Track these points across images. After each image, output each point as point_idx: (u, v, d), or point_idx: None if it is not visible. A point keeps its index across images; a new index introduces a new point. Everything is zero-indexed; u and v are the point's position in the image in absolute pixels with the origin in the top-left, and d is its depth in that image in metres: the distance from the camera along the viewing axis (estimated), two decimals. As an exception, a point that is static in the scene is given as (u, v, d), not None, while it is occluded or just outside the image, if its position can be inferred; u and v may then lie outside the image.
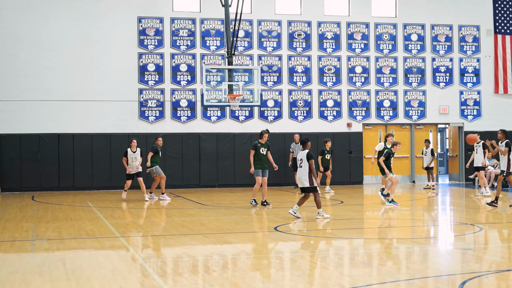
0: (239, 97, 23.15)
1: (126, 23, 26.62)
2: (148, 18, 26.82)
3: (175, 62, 27.04)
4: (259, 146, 18.91)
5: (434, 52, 29.35)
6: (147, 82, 26.72)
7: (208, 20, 27.32)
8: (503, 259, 10.64)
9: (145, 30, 26.81)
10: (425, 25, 29.27)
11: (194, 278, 9.29)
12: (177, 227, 15.18)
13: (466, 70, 29.64)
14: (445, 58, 29.45)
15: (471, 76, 29.68)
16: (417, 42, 29.21)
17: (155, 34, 26.88)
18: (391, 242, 12.91)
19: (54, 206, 20.06)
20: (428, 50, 29.30)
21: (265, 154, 18.96)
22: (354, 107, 28.49)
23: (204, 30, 27.32)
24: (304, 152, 15.61)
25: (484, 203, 20.09)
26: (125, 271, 9.77)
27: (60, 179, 25.79)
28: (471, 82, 29.65)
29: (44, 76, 25.79)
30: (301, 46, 28.09)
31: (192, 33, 27.21)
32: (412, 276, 9.28)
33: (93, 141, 26.07)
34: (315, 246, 12.34)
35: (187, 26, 27.17)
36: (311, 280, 9.14)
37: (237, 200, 21.34)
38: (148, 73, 26.76)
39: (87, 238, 13.20)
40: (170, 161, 26.19)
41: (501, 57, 29.74)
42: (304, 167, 15.57)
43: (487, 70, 29.77)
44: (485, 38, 29.76)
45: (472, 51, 29.69)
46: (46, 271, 9.83)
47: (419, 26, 29.22)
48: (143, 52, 26.75)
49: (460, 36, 29.60)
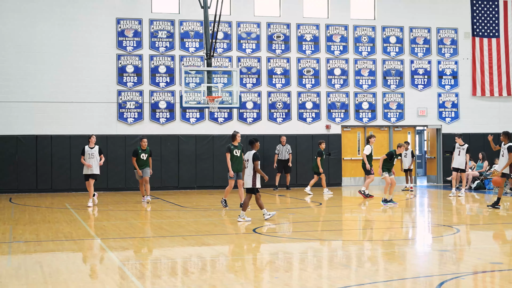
0: (218, 99, 23.14)
1: (104, 25, 26.51)
2: (127, 20, 26.73)
3: (154, 64, 26.97)
4: (233, 148, 18.81)
5: (413, 54, 29.50)
6: (125, 84, 26.63)
7: (187, 22, 27.28)
8: (479, 260, 10.70)
9: (124, 31, 26.72)
10: (404, 28, 29.41)
11: (173, 280, 9.26)
12: (155, 229, 15.14)
13: (444, 73, 29.81)
14: (423, 60, 29.60)
15: (449, 78, 29.86)
16: (395, 44, 29.34)
17: (134, 35, 26.79)
18: (369, 243, 12.95)
19: (32, 208, 19.93)
20: (406, 53, 29.44)
21: (239, 156, 18.72)
22: (333, 109, 28.55)
23: (183, 32, 27.27)
24: (251, 153, 15.51)
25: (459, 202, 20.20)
26: (102, 274, 9.73)
27: (38, 181, 25.63)
28: (449, 85, 29.83)
29: (22, 78, 25.62)
30: (280, 48, 28.12)
31: (171, 34, 27.16)
32: (390, 278, 9.31)
33: (71, 142, 25.93)
34: (294, 248, 12.35)
35: (166, 28, 27.11)
36: (289, 282, 9.14)
37: (216, 202, 21.29)
38: (127, 75, 26.68)
39: (65, 240, 13.12)
40: (149, 163, 26.10)
41: (478, 60, 29.93)
42: (249, 168, 15.50)
43: (465, 73, 29.95)
44: (463, 40, 29.95)
45: (450, 54, 29.87)
46: (23, 274, 9.76)
47: (397, 29, 29.35)
48: (121, 53, 26.66)
49: (438, 38, 29.76)
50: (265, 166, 26.54)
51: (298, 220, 16.67)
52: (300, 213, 18.27)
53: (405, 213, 18.83)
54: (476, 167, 27.11)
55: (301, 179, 27.52)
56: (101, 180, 25.92)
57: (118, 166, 26.06)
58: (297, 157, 27.60)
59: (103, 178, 26.02)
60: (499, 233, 14.15)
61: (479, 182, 26.10)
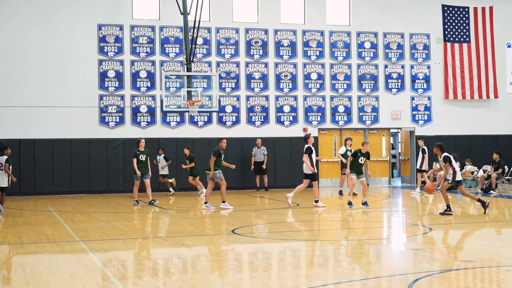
0: (198, 103, 23.13)
1: (86, 31, 26.38)
2: (108, 26, 26.61)
3: (135, 69, 26.86)
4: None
5: (387, 59, 29.61)
6: (107, 89, 26.50)
7: (167, 28, 27.20)
8: (451, 258, 10.73)
9: (105, 37, 26.59)
10: (378, 33, 29.52)
11: (153, 281, 9.20)
12: (136, 231, 15.06)
13: (417, 77, 29.95)
14: (397, 65, 29.72)
15: (422, 82, 30.00)
16: (370, 49, 29.44)
17: (115, 41, 26.68)
18: (346, 243, 12.95)
19: (15, 211, 19.76)
20: (380, 57, 29.55)
21: (145, 160, 21.03)
22: (310, 112, 28.59)
23: (163, 38, 27.19)
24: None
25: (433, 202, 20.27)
26: (84, 275, 9.64)
27: (21, 184, 25.38)
28: (422, 88, 29.97)
29: (5, 83, 25.43)
30: (258, 53, 28.12)
31: (151, 40, 27.07)
32: (366, 276, 9.31)
33: (53, 146, 25.77)
34: (272, 248, 12.32)
35: (147, 34, 27.01)
36: (267, 282, 9.11)
37: (196, 204, 21.25)
38: (108, 80, 26.55)
39: (47, 243, 13.01)
40: (130, 166, 25.94)
41: (450, 64, 30.10)
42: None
43: (437, 77, 30.12)
44: (435, 46, 30.12)
45: (422, 59, 30.02)
46: (5, 276, 9.66)
47: (372, 34, 29.45)
48: (103, 59, 26.52)
49: (411, 44, 29.91)
50: (244, 168, 26.65)
51: (275, 220, 16.65)
52: (277, 214, 18.25)
53: (380, 214, 18.85)
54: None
55: (279, 180, 27.55)
56: (83, 183, 25.88)
57: (100, 169, 25.92)
58: (275, 159, 27.61)
59: (85, 181, 25.93)
60: (470, 232, 14.21)
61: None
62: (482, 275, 9.60)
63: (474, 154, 29.26)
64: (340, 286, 8.78)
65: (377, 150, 29.41)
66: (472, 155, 28.93)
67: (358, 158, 19.11)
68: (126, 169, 25.61)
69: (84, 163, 26.01)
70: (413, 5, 29.82)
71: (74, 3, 26.25)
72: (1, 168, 18.94)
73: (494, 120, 30.68)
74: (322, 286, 8.74)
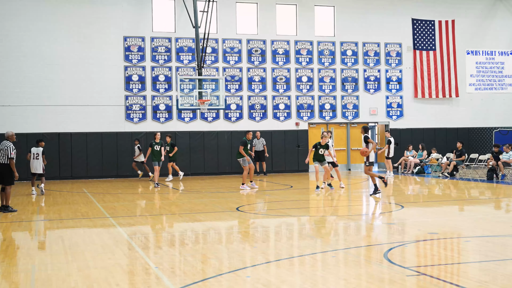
0: (208, 102, 23.10)
1: (114, 42, 26.33)
2: (132, 37, 26.55)
3: (155, 73, 26.81)
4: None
5: (365, 64, 29.55)
6: (131, 90, 26.46)
7: (181, 39, 27.14)
8: (419, 231, 10.76)
9: (130, 47, 26.53)
10: (358, 43, 29.45)
11: (171, 250, 9.23)
12: (156, 209, 15.10)
13: (391, 79, 29.90)
14: (374, 69, 29.67)
15: (395, 84, 29.95)
16: (351, 56, 29.37)
17: (138, 50, 26.62)
18: (331, 219, 12.97)
19: (55, 192, 19.79)
20: (360, 63, 29.48)
21: (159, 150, 21.35)
22: (301, 109, 28.56)
23: (178, 47, 27.13)
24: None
25: (404, 184, 20.28)
26: (113, 245, 9.67)
27: (60, 170, 25.43)
28: (395, 89, 29.92)
29: (46, 86, 25.41)
30: (257, 60, 28.06)
31: (168, 49, 27.01)
32: (348, 246, 9.34)
33: (87, 138, 25.77)
34: (269, 223, 12.36)
35: (164, 44, 26.95)
36: (266, 250, 9.14)
37: (206, 186, 21.28)
38: (133, 83, 26.51)
39: (82, 219, 13.04)
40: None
41: (419, 69, 30.05)
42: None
43: (407, 79, 30.07)
44: (406, 53, 30.05)
45: (395, 64, 29.96)
46: (48, 246, 9.70)
47: (353, 44, 29.38)
48: (128, 65, 26.48)
49: (386, 51, 29.84)
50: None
51: (272, 200, 16.67)
52: (274, 194, 18.28)
53: (361, 194, 18.86)
54: (417, 155, 27.24)
55: (276, 166, 27.61)
56: (112, 169, 25.91)
57: (126, 158, 25.91)
58: (272, 148, 27.61)
59: (113, 167, 25.96)
60: (435, 210, 14.24)
61: (420, 167, 26.22)
62: (445, 244, 9.63)
63: (438, 144, 29.26)
64: (327, 254, 8.81)
65: (357, 140, 29.38)
66: (437, 145, 28.93)
67: (318, 150, 18.90)
68: (148, 157, 25.58)
69: (112, 152, 26.02)
70: (387, 19, 29.74)
71: (103, 19, 26.18)
72: (37, 158, 19.06)
73: (456, 115, 30.66)
74: (311, 254, 8.77)
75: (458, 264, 8.15)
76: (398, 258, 8.39)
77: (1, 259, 8.79)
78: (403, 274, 7.41)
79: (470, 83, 30.99)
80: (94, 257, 8.74)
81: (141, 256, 8.75)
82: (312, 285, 6.99)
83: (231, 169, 27.13)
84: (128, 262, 8.42)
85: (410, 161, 26.80)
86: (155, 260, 8.51)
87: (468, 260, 8.43)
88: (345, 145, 29.31)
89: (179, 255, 8.89)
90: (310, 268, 7.94)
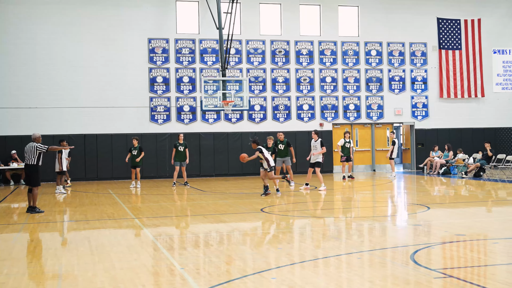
0: (231, 103, 23.15)
1: (138, 44, 26.53)
2: (157, 39, 26.71)
3: (179, 75, 26.95)
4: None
5: (390, 64, 29.38)
6: (156, 92, 26.63)
7: (205, 40, 27.24)
8: (446, 233, 10.66)
9: (154, 49, 26.70)
10: (382, 43, 29.29)
11: (195, 251, 9.26)
12: (181, 210, 15.15)
13: (416, 79, 29.69)
14: (398, 69, 29.48)
15: (420, 84, 29.73)
16: (376, 56, 29.22)
17: (162, 52, 26.78)
18: (356, 219, 12.91)
19: (81, 193, 19.98)
20: (385, 63, 29.32)
21: (183, 150, 21.65)
22: (325, 110, 28.48)
23: (202, 49, 27.23)
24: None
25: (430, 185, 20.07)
26: (138, 246, 9.72)
27: (86, 171, 25.68)
28: (420, 89, 29.71)
29: (71, 88, 25.70)
30: (281, 61, 28.05)
31: (192, 51, 27.13)
32: (373, 248, 9.28)
33: (112, 140, 25.99)
34: (294, 224, 12.33)
35: (188, 45, 27.07)
36: (290, 252, 9.12)
37: (230, 187, 21.31)
38: (157, 84, 26.67)
39: (108, 219, 13.14)
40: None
41: (444, 68, 29.80)
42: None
43: (433, 79, 29.84)
44: (431, 53, 29.82)
45: (420, 64, 29.74)
46: (74, 247, 9.78)
47: (377, 44, 29.23)
48: (152, 67, 26.65)
49: (411, 51, 29.64)
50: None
51: (297, 201, 16.64)
52: (298, 195, 18.25)
53: (386, 194, 18.76)
54: (443, 156, 27.01)
55: (300, 167, 27.49)
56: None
57: (151, 159, 26.07)
58: (296, 149, 27.53)
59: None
60: (462, 210, 14.10)
61: (445, 168, 26.00)
62: (472, 246, 9.52)
63: (465, 144, 28.97)
64: (352, 256, 8.77)
65: (382, 141, 29.27)
66: (463, 145, 28.64)
67: (270, 151, 18.68)
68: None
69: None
70: (412, 19, 29.55)
71: (127, 21, 26.39)
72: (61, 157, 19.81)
73: (482, 115, 30.33)
74: (336, 256, 8.74)
75: (485, 266, 8.06)
76: (425, 260, 8.31)
77: (29, 260, 8.90)
78: (430, 276, 7.34)
79: (497, 82, 30.63)
80: (120, 258, 8.79)
81: (166, 257, 8.78)
82: (337, 287, 6.96)
83: (254, 170, 27.13)
84: (153, 263, 8.46)
85: (435, 161, 26.57)
86: (180, 261, 8.54)
87: (496, 262, 8.32)
88: (369, 146, 29.17)
89: (204, 256, 8.90)
90: (335, 270, 7.91)
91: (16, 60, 25.32)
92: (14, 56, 25.31)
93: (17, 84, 25.27)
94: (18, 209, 15.83)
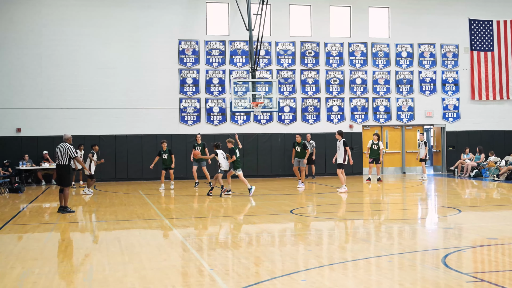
0: (261, 104, 23.17)
1: (168, 45, 26.70)
2: (187, 41, 26.86)
3: (209, 76, 27.06)
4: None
5: (421, 66, 29.12)
6: (186, 93, 26.77)
7: (235, 42, 27.30)
8: (478, 236, 10.53)
9: (184, 50, 26.85)
10: (413, 44, 29.05)
11: (224, 252, 9.28)
12: (210, 211, 15.19)
13: (447, 81, 29.38)
14: (429, 71, 29.20)
15: (451, 85, 29.42)
16: (406, 58, 28.99)
17: (192, 53, 26.92)
18: (385, 222, 12.82)
19: (112, 193, 20.17)
20: (415, 65, 29.07)
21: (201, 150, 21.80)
22: (355, 111, 28.34)
23: (232, 50, 27.30)
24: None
25: (461, 187, 19.85)
26: (168, 247, 9.78)
27: (116, 172, 25.93)
28: (451, 91, 29.39)
29: (102, 90, 25.96)
30: (311, 62, 27.99)
31: (222, 52, 27.21)
32: (403, 251, 9.21)
33: (142, 140, 26.20)
34: (323, 226, 12.29)
35: (218, 47, 27.17)
36: (320, 254, 9.10)
37: (260, 188, 21.29)
38: (187, 85, 26.81)
39: (138, 220, 13.24)
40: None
41: (476, 70, 29.44)
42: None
43: (464, 81, 29.50)
44: (463, 54, 29.48)
45: (452, 65, 29.42)
46: (105, 247, 9.87)
47: (408, 45, 29.00)
48: (182, 68, 26.80)
49: (442, 53, 29.34)
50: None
51: (327, 203, 16.58)
52: (328, 197, 18.18)
53: (416, 197, 18.60)
54: (475, 158, 26.68)
55: (329, 168, 27.40)
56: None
57: (181, 160, 26.18)
58: (326, 151, 27.47)
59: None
60: (494, 214, 13.91)
61: (477, 171, 25.68)
62: (504, 250, 9.39)
63: (497, 147, 28.59)
64: (381, 259, 8.70)
65: (412, 143, 29.04)
66: (495, 148, 28.26)
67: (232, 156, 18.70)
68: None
69: (167, 155, 26.34)
70: (443, 20, 29.26)
71: (155, 23, 26.57)
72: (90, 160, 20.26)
73: (515, 117, 29.91)
74: (365, 259, 8.68)
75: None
76: (456, 264, 8.22)
77: (60, 259, 9.01)
78: (461, 280, 7.25)
79: (530, 84, 30.15)
80: (149, 258, 8.85)
81: (195, 258, 8.82)
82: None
83: (284, 172, 27.13)
84: (183, 263, 8.51)
85: (467, 164, 26.26)
86: (210, 262, 8.56)
87: (529, 266, 8.19)
88: (399, 148, 28.95)
89: (233, 257, 8.92)
90: (365, 272, 7.86)
91: (48, 61, 25.67)
92: (46, 58, 25.67)
93: (49, 85, 25.61)
94: (50, 208, 16.04)
